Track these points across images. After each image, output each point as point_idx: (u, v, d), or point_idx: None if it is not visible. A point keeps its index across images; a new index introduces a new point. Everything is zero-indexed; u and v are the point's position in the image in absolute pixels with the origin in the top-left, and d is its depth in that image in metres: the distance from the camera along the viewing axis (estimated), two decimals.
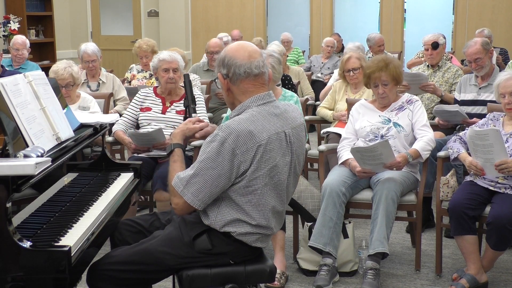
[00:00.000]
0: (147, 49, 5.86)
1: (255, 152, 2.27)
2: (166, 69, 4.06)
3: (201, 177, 2.28)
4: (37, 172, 2.04)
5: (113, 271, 2.34)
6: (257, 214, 2.35)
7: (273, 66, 3.79)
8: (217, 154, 2.26)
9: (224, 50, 2.43)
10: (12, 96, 2.30)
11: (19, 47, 6.24)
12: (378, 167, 3.53)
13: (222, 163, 2.25)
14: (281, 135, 2.34)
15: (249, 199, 2.32)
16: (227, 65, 2.36)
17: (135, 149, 3.97)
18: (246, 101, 2.36)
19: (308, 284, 3.52)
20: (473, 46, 4.40)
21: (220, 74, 2.39)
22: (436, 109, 4.42)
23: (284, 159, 2.36)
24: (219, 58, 2.41)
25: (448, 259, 3.86)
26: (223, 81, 2.39)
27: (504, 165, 3.27)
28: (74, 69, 4.20)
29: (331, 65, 8.39)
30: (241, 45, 2.41)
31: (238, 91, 2.38)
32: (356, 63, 4.69)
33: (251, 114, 2.32)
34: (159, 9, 10.97)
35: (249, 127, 2.27)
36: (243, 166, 2.27)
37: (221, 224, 2.36)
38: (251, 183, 2.30)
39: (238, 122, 2.28)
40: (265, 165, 2.29)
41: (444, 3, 10.73)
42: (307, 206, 3.66)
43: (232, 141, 2.25)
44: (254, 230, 2.37)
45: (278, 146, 2.33)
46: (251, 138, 2.26)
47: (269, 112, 2.35)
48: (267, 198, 2.34)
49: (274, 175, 2.33)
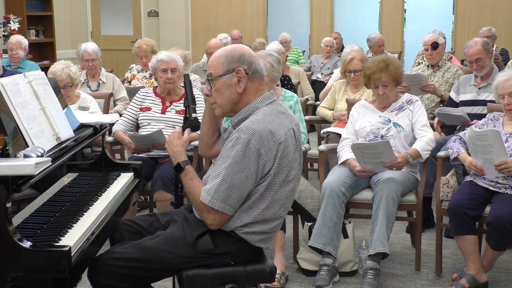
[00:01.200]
0: (146, 49, 5.86)
1: (276, 150, 2.29)
2: (164, 69, 4.06)
3: (229, 182, 2.27)
4: (37, 172, 2.04)
5: (115, 266, 2.33)
6: (268, 212, 2.36)
7: (272, 65, 3.79)
8: (243, 157, 2.26)
9: (231, 48, 2.39)
10: (12, 96, 2.30)
11: (13, 47, 6.25)
12: (378, 167, 3.53)
13: (249, 164, 2.26)
14: (291, 132, 2.37)
15: (266, 196, 2.34)
16: (247, 61, 2.35)
17: (135, 149, 3.97)
18: (254, 101, 2.37)
19: (308, 284, 3.52)
20: (473, 47, 4.39)
21: (240, 69, 2.33)
22: (439, 112, 4.40)
23: (295, 155, 2.39)
24: (231, 55, 2.35)
25: (448, 259, 3.86)
26: (242, 76, 2.33)
27: (504, 165, 3.27)
28: (72, 70, 4.19)
29: (331, 65, 8.39)
30: (245, 47, 2.43)
31: (253, 88, 2.38)
32: (358, 65, 4.67)
33: (265, 114, 2.33)
34: (159, 9, 10.97)
35: (268, 126, 2.29)
36: (267, 166, 2.29)
37: (231, 227, 2.36)
38: (273, 182, 2.32)
39: (256, 122, 2.29)
40: (284, 162, 2.32)
41: (444, 3, 10.73)
42: (307, 206, 3.66)
43: (256, 141, 2.25)
44: (260, 229, 2.37)
45: (291, 143, 2.36)
46: (272, 137, 2.28)
47: (277, 110, 2.38)
48: (280, 195, 2.36)
49: (290, 172, 2.36)
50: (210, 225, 2.35)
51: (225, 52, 2.39)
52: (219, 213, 2.31)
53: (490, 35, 7.37)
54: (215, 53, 2.43)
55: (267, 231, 2.41)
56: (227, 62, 2.36)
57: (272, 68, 3.79)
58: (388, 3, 10.53)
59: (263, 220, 2.37)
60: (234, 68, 2.35)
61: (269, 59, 3.80)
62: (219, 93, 2.38)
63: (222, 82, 2.36)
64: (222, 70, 2.36)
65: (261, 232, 2.39)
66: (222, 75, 2.36)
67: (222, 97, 2.39)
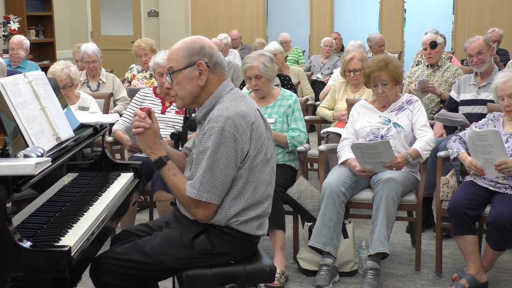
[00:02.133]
0: (145, 47, 5.88)
1: (250, 131, 2.31)
2: (160, 73, 4.07)
3: (212, 172, 2.28)
4: (37, 172, 2.04)
5: (116, 266, 2.34)
6: (257, 193, 2.37)
7: (265, 65, 3.80)
8: (220, 145, 2.27)
9: (191, 41, 2.38)
10: (12, 96, 2.30)
11: (15, 47, 6.25)
12: (378, 166, 3.53)
13: (227, 151, 2.27)
14: (257, 113, 2.40)
15: (251, 179, 2.35)
16: (208, 53, 2.36)
17: (131, 147, 3.98)
18: (216, 91, 2.38)
19: (308, 284, 3.52)
20: (475, 41, 4.41)
21: (201, 62, 2.32)
22: (439, 116, 4.40)
23: (267, 133, 2.43)
24: (191, 47, 2.35)
25: (448, 259, 3.86)
26: (204, 69, 2.33)
27: (504, 165, 3.27)
28: (72, 70, 4.19)
29: (331, 65, 8.39)
30: (204, 38, 2.44)
31: (215, 80, 2.38)
32: (358, 64, 4.68)
33: (230, 100, 2.36)
34: (159, 9, 10.97)
35: (237, 110, 2.31)
36: (245, 148, 2.31)
37: (225, 220, 2.36)
38: (254, 163, 2.34)
39: (225, 109, 2.31)
40: (259, 141, 2.34)
41: (444, 3, 10.73)
42: (307, 206, 3.66)
43: (230, 127, 2.27)
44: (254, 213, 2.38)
45: (261, 122, 2.40)
46: (244, 119, 2.31)
47: (240, 94, 2.42)
48: (265, 175, 2.38)
49: (267, 150, 2.38)
50: (201, 219, 2.35)
51: (185, 44, 2.37)
52: (207, 205, 2.31)
53: (500, 39, 7.43)
54: (174, 46, 2.40)
55: (261, 214, 2.41)
56: (188, 55, 2.34)
57: (265, 68, 3.79)
58: (388, 3, 10.54)
59: (255, 203, 2.38)
60: (195, 61, 2.34)
61: (261, 60, 3.80)
62: (180, 86, 2.37)
63: (184, 76, 2.35)
64: (183, 64, 2.34)
65: (256, 217, 2.39)
66: (183, 69, 2.34)
67: (183, 90, 2.37)
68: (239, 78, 6.36)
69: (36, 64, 6.60)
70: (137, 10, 11.09)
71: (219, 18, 11.12)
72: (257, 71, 3.80)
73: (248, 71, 3.84)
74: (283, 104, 3.90)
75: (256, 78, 3.82)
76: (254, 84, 3.84)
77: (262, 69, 3.78)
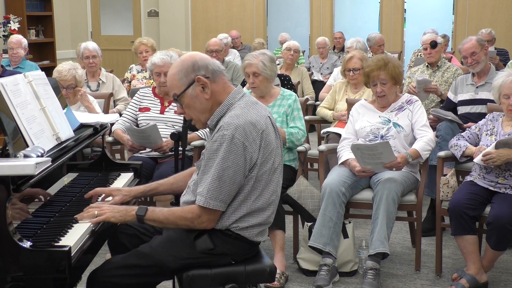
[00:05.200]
0: (147, 43, 5.98)
1: (260, 140, 2.31)
2: (158, 73, 4.08)
3: (220, 180, 2.27)
4: (37, 172, 2.04)
5: (114, 277, 2.30)
6: (260, 201, 2.37)
7: (264, 64, 3.80)
8: (230, 153, 2.27)
9: (181, 61, 2.37)
10: (12, 96, 2.30)
11: (14, 46, 6.26)
12: (377, 167, 3.53)
13: (236, 159, 2.27)
14: (268, 120, 2.40)
15: (256, 187, 2.35)
16: (202, 66, 2.34)
17: (132, 146, 3.98)
18: (226, 99, 2.37)
19: (308, 284, 3.52)
20: (468, 42, 4.43)
21: (199, 77, 2.32)
22: (432, 113, 4.42)
23: (276, 142, 2.42)
24: (185, 67, 2.34)
25: (448, 259, 3.86)
26: (204, 82, 2.32)
27: (488, 156, 3.28)
28: (78, 72, 4.20)
29: (330, 65, 8.38)
30: (194, 53, 2.44)
31: (220, 88, 2.38)
32: (357, 63, 4.69)
33: (241, 107, 2.35)
34: (159, 9, 10.97)
35: (248, 118, 2.31)
36: (254, 156, 2.31)
37: (227, 224, 2.36)
38: (260, 171, 2.33)
39: (236, 117, 2.30)
40: (267, 150, 2.34)
41: (444, 3, 10.74)
42: (307, 206, 3.66)
43: (240, 135, 2.27)
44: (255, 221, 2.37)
45: (271, 130, 2.39)
46: (254, 128, 2.30)
47: (251, 101, 2.40)
48: (270, 184, 2.38)
49: (275, 159, 2.38)
50: (206, 226, 2.35)
51: (178, 68, 2.37)
52: (212, 211, 2.31)
53: (490, 39, 7.39)
54: (169, 73, 2.40)
55: (262, 222, 2.40)
56: (184, 76, 2.35)
57: (264, 67, 3.80)
58: (388, 3, 10.54)
59: (256, 210, 2.37)
60: (193, 78, 2.34)
61: (261, 58, 3.82)
62: (190, 108, 2.38)
63: (189, 96, 2.35)
64: (184, 85, 2.35)
65: (256, 225, 2.39)
66: (185, 90, 2.35)
67: (194, 110, 2.39)
68: (239, 78, 6.36)
69: (36, 65, 6.60)
70: (137, 10, 11.09)
71: (219, 18, 11.12)
72: (255, 68, 3.81)
73: (247, 68, 3.86)
74: (282, 103, 3.90)
75: (254, 75, 3.83)
76: (251, 82, 3.85)
77: (260, 67, 3.79)
